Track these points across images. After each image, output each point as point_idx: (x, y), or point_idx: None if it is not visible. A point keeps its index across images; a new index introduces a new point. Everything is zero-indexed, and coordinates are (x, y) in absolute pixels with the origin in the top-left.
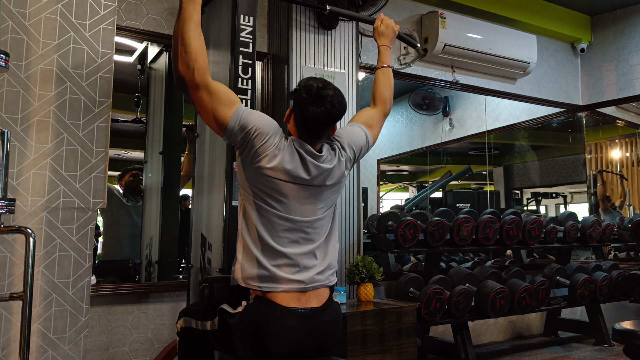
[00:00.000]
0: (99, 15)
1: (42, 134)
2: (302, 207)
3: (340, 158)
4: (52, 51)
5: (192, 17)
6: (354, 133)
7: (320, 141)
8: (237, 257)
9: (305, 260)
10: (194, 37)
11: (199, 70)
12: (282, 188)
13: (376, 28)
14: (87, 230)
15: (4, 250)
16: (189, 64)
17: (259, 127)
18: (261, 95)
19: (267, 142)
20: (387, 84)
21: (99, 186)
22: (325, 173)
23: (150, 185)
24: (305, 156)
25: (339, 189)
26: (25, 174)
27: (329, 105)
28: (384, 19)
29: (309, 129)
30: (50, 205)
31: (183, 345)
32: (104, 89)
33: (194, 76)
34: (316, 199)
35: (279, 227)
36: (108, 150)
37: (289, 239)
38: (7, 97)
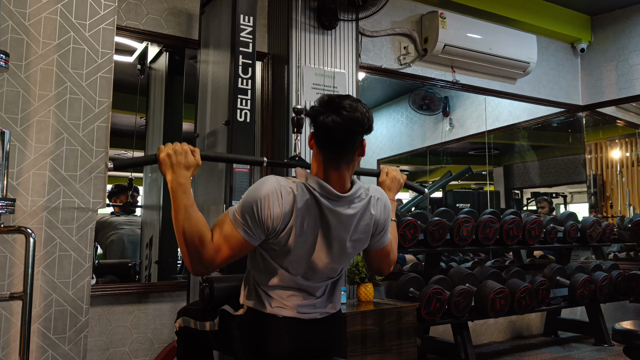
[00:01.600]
0: (99, 15)
1: (42, 134)
2: (310, 271)
3: (372, 211)
4: (52, 51)
5: (181, 202)
6: (389, 212)
7: (347, 162)
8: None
9: (306, 309)
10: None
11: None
12: (295, 247)
13: (382, 182)
14: (87, 230)
15: (4, 250)
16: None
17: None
18: (261, 95)
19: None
20: (395, 237)
21: (99, 186)
22: (348, 219)
23: (150, 185)
24: (321, 200)
25: (359, 246)
26: (25, 174)
27: (346, 113)
28: (389, 172)
29: (327, 142)
30: (50, 205)
31: (182, 345)
32: (104, 89)
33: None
34: (331, 257)
35: (282, 282)
36: (108, 150)
37: (292, 293)
38: (7, 97)
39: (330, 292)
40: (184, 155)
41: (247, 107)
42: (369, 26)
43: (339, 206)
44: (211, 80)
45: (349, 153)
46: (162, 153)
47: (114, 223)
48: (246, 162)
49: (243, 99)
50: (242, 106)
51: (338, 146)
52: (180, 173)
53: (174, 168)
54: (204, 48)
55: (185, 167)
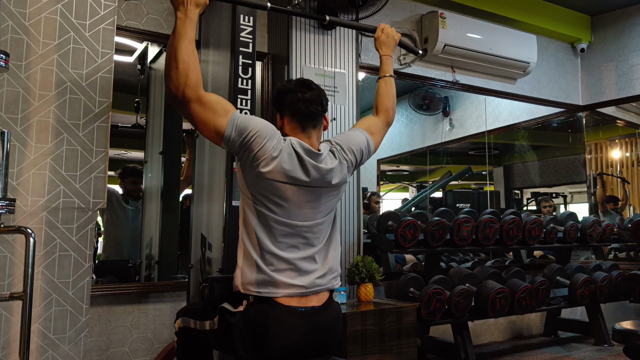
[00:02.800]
0: (99, 15)
1: (42, 134)
2: (301, 211)
3: (342, 161)
4: (52, 51)
5: (186, 33)
6: (355, 137)
7: (316, 129)
8: (238, 263)
9: (305, 264)
10: (186, 53)
11: (190, 86)
12: (281, 191)
13: (377, 38)
14: (87, 230)
15: (4, 250)
16: (179, 80)
17: (255, 131)
18: (261, 95)
19: (264, 145)
20: (390, 93)
21: (99, 186)
22: (324, 173)
23: (150, 185)
24: (303, 156)
25: (339, 192)
26: (25, 174)
27: (316, 88)
28: (384, 28)
29: (302, 112)
30: (50, 205)
31: (181, 345)
32: (104, 89)
33: (184, 92)
34: (316, 202)
35: (278, 232)
36: (108, 150)
37: (288, 244)
38: (7, 97)
39: (326, 245)
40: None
41: (247, 107)
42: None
43: (316, 161)
44: (211, 80)
45: (318, 123)
46: None
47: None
48: (249, 4)
49: (243, 99)
50: (242, 106)
51: (313, 115)
52: (191, 9)
53: (186, 4)
54: (204, 48)
55: (196, 5)
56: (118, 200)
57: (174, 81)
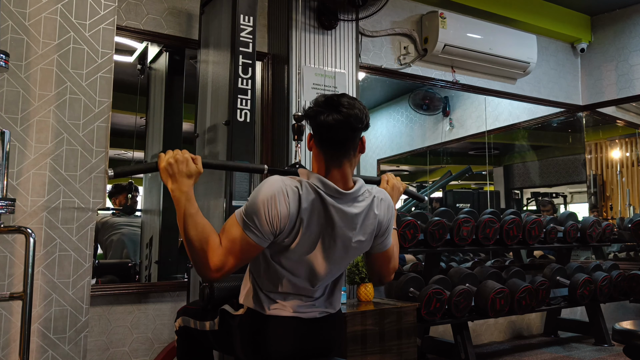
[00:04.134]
0: (99, 15)
1: (42, 134)
2: (313, 273)
3: (375, 210)
4: (52, 51)
5: (188, 211)
6: (392, 213)
7: (348, 159)
8: (244, 283)
9: (306, 309)
10: (193, 231)
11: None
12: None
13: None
14: (87, 230)
15: (4, 250)
16: (201, 260)
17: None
18: (261, 95)
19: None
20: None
21: (99, 186)
22: (350, 218)
23: (150, 185)
24: (326, 198)
25: (362, 246)
26: (25, 174)
27: (346, 110)
28: (389, 179)
29: (328, 141)
30: (50, 205)
31: (182, 345)
32: (104, 89)
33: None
34: (335, 258)
35: (284, 286)
36: (108, 150)
37: (292, 295)
38: (7, 97)
39: (330, 292)
40: (185, 164)
41: (247, 107)
42: (369, 26)
43: (343, 204)
44: (211, 80)
45: (350, 150)
46: (162, 162)
47: (115, 224)
48: (247, 170)
49: (243, 99)
50: (242, 106)
51: (339, 143)
52: (183, 182)
53: (176, 177)
54: (204, 48)
55: (187, 176)
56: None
57: (198, 263)
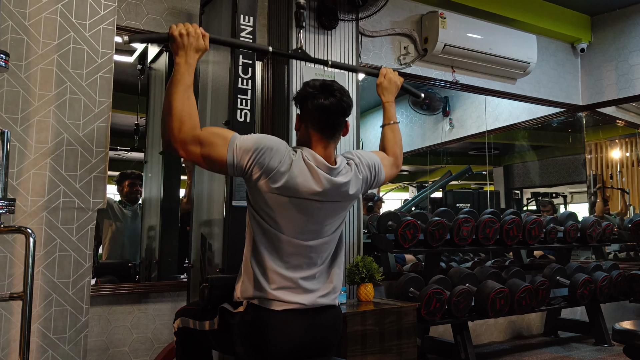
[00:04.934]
0: (99, 15)
1: (42, 134)
2: (308, 229)
3: (358, 175)
4: (52, 51)
5: (183, 79)
6: (373, 157)
7: (335, 139)
8: (242, 277)
9: (308, 283)
10: (180, 99)
11: (184, 131)
12: (288, 208)
13: (379, 84)
14: (87, 230)
15: (4, 250)
16: (174, 126)
17: (258, 150)
18: (261, 95)
19: (270, 162)
20: (397, 141)
21: (99, 186)
22: (338, 187)
23: (150, 186)
24: (316, 169)
25: (347, 207)
26: (25, 174)
27: (339, 95)
28: (387, 73)
29: (323, 122)
30: (50, 205)
31: (181, 346)
32: (104, 89)
33: (179, 137)
34: (323, 217)
35: (283, 251)
36: (108, 150)
37: (292, 263)
38: (7, 97)
39: (330, 264)
40: (196, 39)
41: (247, 107)
42: (369, 26)
43: (330, 174)
44: (211, 80)
45: (338, 132)
46: (176, 31)
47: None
48: (252, 48)
49: (243, 99)
50: (242, 106)
51: (332, 125)
52: (190, 55)
53: (186, 49)
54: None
55: (196, 50)
56: (117, 207)
57: (168, 127)
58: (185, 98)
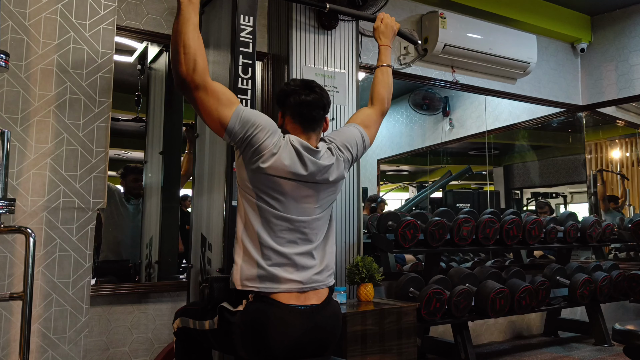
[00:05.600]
0: (99, 15)
1: (42, 134)
2: (300, 206)
3: (339, 157)
4: (52, 51)
5: (190, 18)
6: (349, 133)
7: (316, 132)
8: (236, 260)
9: (303, 259)
10: (192, 38)
11: (198, 71)
12: (281, 186)
13: (376, 28)
14: (87, 230)
15: (4, 250)
16: (189, 64)
17: (258, 126)
18: (261, 95)
19: (265, 140)
20: (386, 82)
21: (99, 186)
22: (323, 169)
23: (150, 186)
24: (302, 152)
25: (336, 189)
26: (25, 174)
27: (319, 91)
28: (384, 17)
29: (304, 116)
30: (50, 205)
31: (180, 346)
32: (104, 89)
33: (193, 77)
34: (314, 197)
35: (277, 227)
36: (108, 150)
37: (287, 239)
38: (7, 97)
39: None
40: None
41: (247, 107)
42: (369, 26)
43: (314, 156)
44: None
45: (318, 125)
46: None
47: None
48: None
49: (243, 99)
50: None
51: (313, 119)
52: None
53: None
54: (204, 48)
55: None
56: (120, 198)
57: (183, 66)
58: (196, 37)
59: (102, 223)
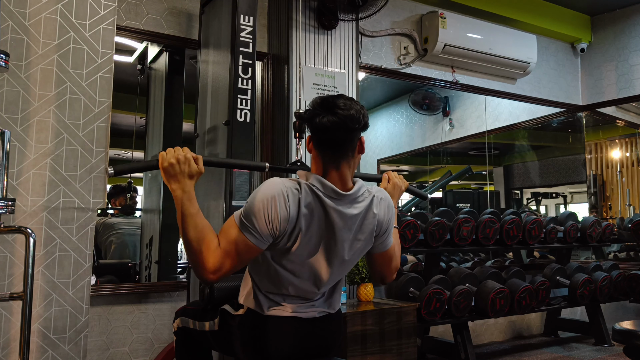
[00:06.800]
0: (99, 15)
1: (42, 134)
2: (316, 277)
3: (374, 210)
4: (52, 51)
5: (189, 211)
6: (392, 213)
7: (347, 158)
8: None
9: (306, 309)
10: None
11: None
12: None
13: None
14: (87, 230)
15: (4, 250)
16: (198, 262)
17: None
18: (261, 95)
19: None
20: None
21: (99, 186)
22: (347, 219)
23: (150, 186)
24: (324, 200)
25: (363, 247)
26: (25, 174)
27: (340, 113)
28: (390, 178)
29: (323, 142)
30: (50, 205)
31: (180, 345)
32: (104, 89)
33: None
34: (334, 261)
35: (285, 288)
36: (108, 150)
37: (292, 296)
38: (7, 97)
39: (330, 293)
40: (187, 165)
41: (247, 107)
42: (369, 26)
43: (341, 205)
44: (211, 80)
45: (348, 151)
46: (165, 162)
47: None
48: (248, 167)
49: (243, 99)
50: (242, 106)
51: (336, 145)
52: (184, 182)
53: (178, 177)
54: (204, 48)
55: (189, 176)
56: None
57: (194, 264)
58: (193, 228)
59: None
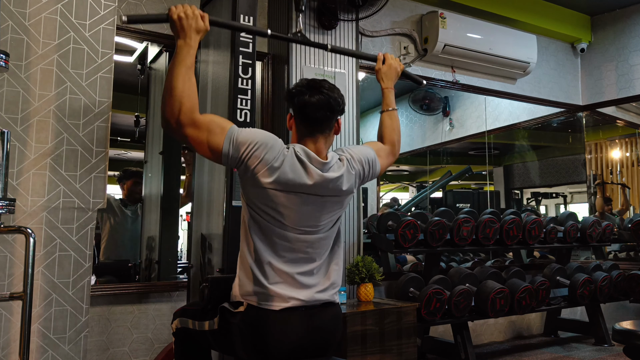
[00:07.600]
0: (99, 15)
1: (42, 134)
2: (303, 224)
3: (350, 170)
4: (52, 51)
5: (184, 60)
6: (366, 151)
7: (324, 134)
8: (238, 274)
9: (305, 278)
10: (182, 80)
11: (183, 112)
12: (283, 202)
13: (378, 70)
14: (87, 230)
15: (4, 250)
16: (173, 106)
17: (254, 144)
18: (261, 95)
19: (264, 157)
20: (395, 127)
21: (99, 186)
22: (329, 182)
23: (150, 186)
24: (307, 164)
25: (342, 205)
26: (25, 174)
27: (327, 92)
28: (387, 59)
29: (308, 118)
30: (50, 205)
31: (179, 346)
32: (104, 89)
33: (178, 118)
34: (319, 213)
35: (279, 245)
36: (108, 150)
37: (288, 258)
38: (7, 97)
39: (328, 260)
40: (195, 20)
41: (247, 107)
42: (369, 26)
43: (320, 169)
44: (211, 80)
45: (326, 128)
46: (174, 15)
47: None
48: (250, 31)
49: (243, 99)
50: (242, 106)
51: (318, 121)
52: (191, 36)
53: (186, 31)
54: (204, 48)
55: (196, 31)
56: (117, 205)
57: (168, 107)
58: (186, 79)
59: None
